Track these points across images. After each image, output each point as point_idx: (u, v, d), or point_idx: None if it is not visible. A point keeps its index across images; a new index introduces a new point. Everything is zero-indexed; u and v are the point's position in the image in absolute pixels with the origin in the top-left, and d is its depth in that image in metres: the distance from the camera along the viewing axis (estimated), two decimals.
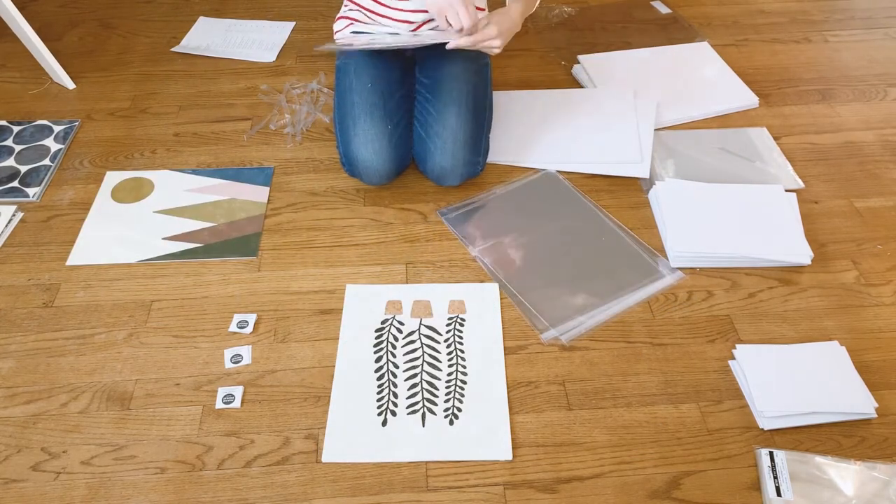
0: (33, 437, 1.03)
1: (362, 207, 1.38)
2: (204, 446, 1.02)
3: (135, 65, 1.76)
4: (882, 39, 1.85)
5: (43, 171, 1.44)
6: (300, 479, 0.98)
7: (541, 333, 1.15)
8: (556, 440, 1.03)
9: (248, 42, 1.83)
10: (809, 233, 1.31)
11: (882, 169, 1.47)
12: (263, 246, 1.30)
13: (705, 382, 1.10)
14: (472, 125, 1.34)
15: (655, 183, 1.38)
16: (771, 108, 1.63)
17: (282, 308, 1.20)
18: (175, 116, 1.60)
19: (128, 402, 1.07)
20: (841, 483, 0.97)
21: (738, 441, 1.03)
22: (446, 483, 0.98)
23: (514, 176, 1.44)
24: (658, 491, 0.97)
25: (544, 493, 0.97)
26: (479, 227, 1.33)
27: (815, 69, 1.75)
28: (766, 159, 1.47)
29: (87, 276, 1.25)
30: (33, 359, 1.13)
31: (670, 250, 1.27)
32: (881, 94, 1.67)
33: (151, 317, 1.19)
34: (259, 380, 1.10)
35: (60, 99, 1.65)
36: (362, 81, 1.36)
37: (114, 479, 0.98)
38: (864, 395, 1.06)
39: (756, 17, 1.94)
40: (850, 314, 1.19)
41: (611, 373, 1.11)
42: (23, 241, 1.31)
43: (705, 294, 1.22)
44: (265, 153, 1.50)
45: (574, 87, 1.68)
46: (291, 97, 1.64)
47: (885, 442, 1.02)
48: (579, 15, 1.94)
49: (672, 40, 1.82)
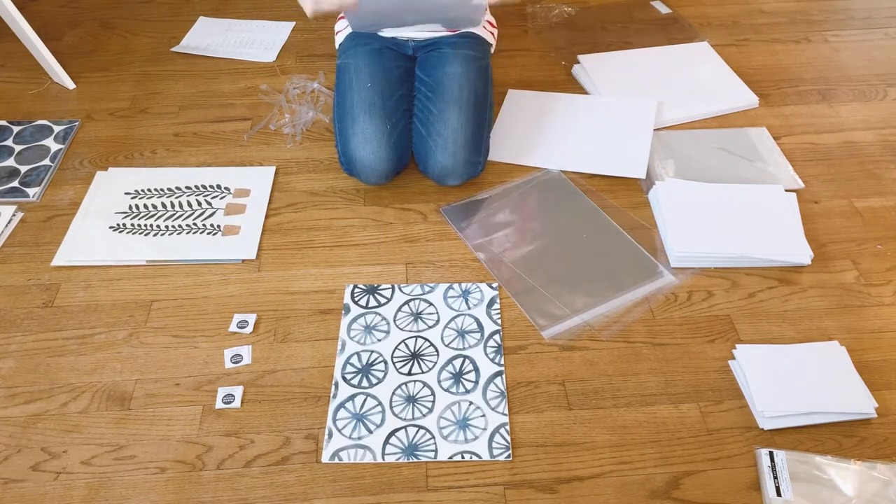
0: (33, 437, 1.03)
1: (362, 207, 1.38)
2: (204, 446, 1.02)
3: (135, 65, 1.76)
4: (882, 39, 1.85)
5: (43, 171, 1.44)
6: (300, 479, 0.98)
7: (542, 330, 1.15)
8: (556, 440, 1.03)
9: (248, 42, 1.83)
10: (809, 233, 1.31)
11: (882, 169, 1.47)
12: (263, 246, 1.30)
13: (705, 382, 1.10)
14: (473, 125, 1.34)
15: (655, 183, 1.38)
16: (771, 108, 1.63)
17: (282, 308, 1.20)
18: (175, 116, 1.60)
19: (128, 402, 1.07)
20: (841, 483, 0.97)
21: (738, 441, 1.03)
22: (446, 483, 0.98)
23: (515, 175, 1.44)
24: (658, 491, 0.97)
25: (544, 493, 0.97)
26: (481, 225, 1.33)
27: (815, 69, 1.75)
28: (766, 159, 1.47)
29: (87, 276, 1.25)
30: (33, 359, 1.13)
31: (670, 250, 1.27)
32: (881, 94, 1.67)
33: (151, 317, 1.19)
34: (259, 380, 1.10)
35: (60, 99, 1.65)
36: (362, 81, 1.36)
37: (114, 479, 0.98)
38: (864, 395, 1.06)
39: (756, 17, 1.94)
40: (850, 314, 1.19)
41: (611, 373, 1.11)
42: (23, 241, 1.31)
43: (705, 294, 1.22)
44: (265, 153, 1.50)
45: (574, 87, 1.68)
46: (291, 97, 1.64)
47: (885, 442, 1.02)
48: (579, 15, 1.94)
49: (672, 40, 1.82)
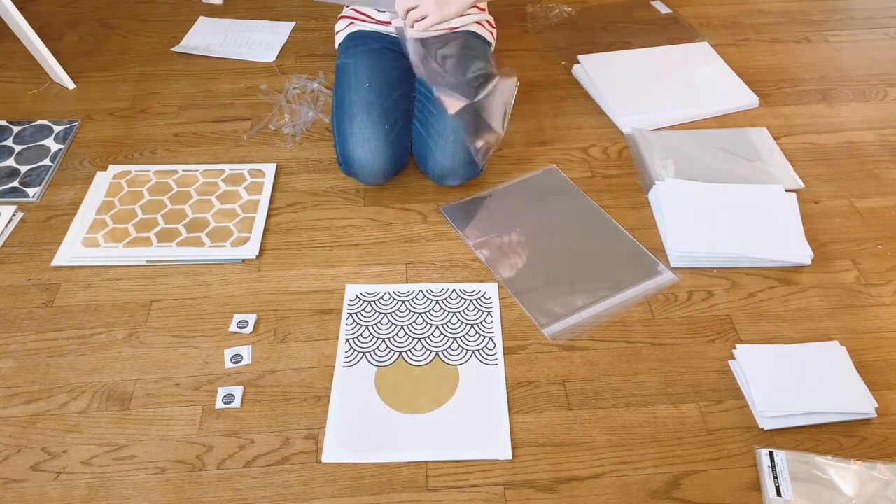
0: (33, 437, 1.03)
1: (362, 207, 1.38)
2: (204, 446, 1.02)
3: (135, 65, 1.76)
4: (882, 39, 1.85)
5: (43, 171, 1.44)
6: (300, 479, 0.98)
7: (542, 328, 1.15)
8: (556, 440, 1.03)
9: (248, 42, 1.83)
10: (809, 233, 1.31)
11: (882, 169, 1.47)
12: (264, 246, 1.30)
13: (705, 382, 1.10)
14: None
15: (655, 183, 1.38)
16: (771, 108, 1.63)
17: (282, 308, 1.20)
18: (175, 116, 1.60)
19: (128, 402, 1.07)
20: (841, 483, 0.97)
21: (738, 441, 1.03)
22: (446, 483, 0.98)
23: (515, 174, 1.44)
24: (658, 491, 0.97)
25: (544, 493, 0.97)
26: (480, 223, 1.33)
27: (815, 69, 1.75)
28: (766, 159, 1.47)
29: (87, 276, 1.25)
30: (33, 359, 1.13)
31: (670, 250, 1.27)
32: (881, 94, 1.67)
33: (151, 317, 1.19)
34: (259, 380, 1.10)
35: (60, 99, 1.65)
36: (361, 80, 1.36)
37: (114, 479, 0.98)
38: (864, 395, 1.06)
39: (756, 17, 1.94)
40: (850, 314, 1.19)
41: (611, 373, 1.11)
42: (23, 241, 1.31)
43: (705, 294, 1.22)
44: (265, 153, 1.50)
45: (574, 86, 1.68)
46: (291, 97, 1.64)
47: (885, 442, 1.02)
48: (579, 15, 1.94)
49: (672, 40, 1.82)
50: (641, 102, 1.60)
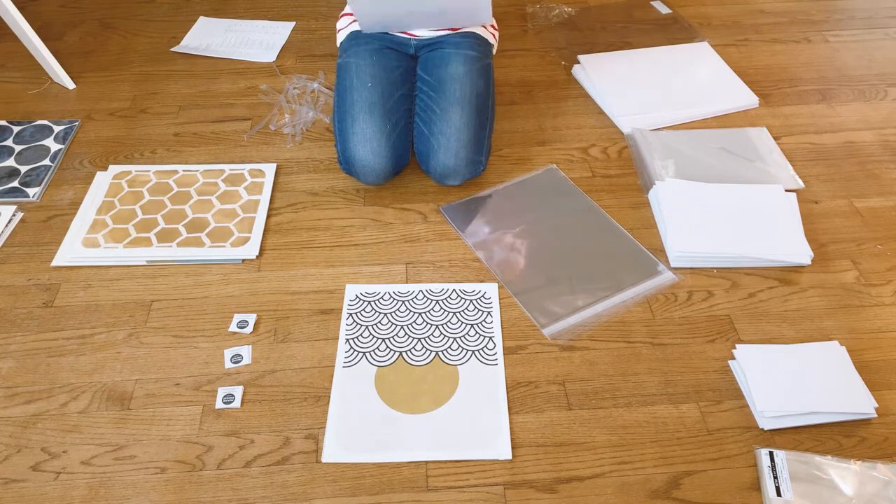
0: (33, 437, 1.03)
1: (362, 207, 1.38)
2: (204, 446, 1.02)
3: (135, 65, 1.76)
4: (882, 39, 1.85)
5: (43, 171, 1.44)
6: (300, 479, 0.98)
7: (542, 328, 1.15)
8: (556, 440, 1.03)
9: (248, 42, 1.83)
10: (809, 233, 1.31)
11: (882, 169, 1.47)
12: (264, 246, 1.30)
13: (705, 382, 1.10)
14: (475, 124, 1.34)
15: (655, 183, 1.38)
16: (771, 108, 1.63)
17: (282, 308, 1.20)
18: (175, 116, 1.60)
19: (128, 402, 1.07)
20: (841, 483, 0.97)
21: (738, 441, 1.03)
22: (446, 483, 0.98)
23: (515, 174, 1.44)
24: (658, 491, 0.97)
25: (544, 493, 0.97)
26: (480, 223, 1.33)
27: (815, 69, 1.75)
28: (766, 159, 1.47)
29: (87, 276, 1.25)
30: (33, 359, 1.13)
31: (670, 250, 1.27)
32: (881, 94, 1.67)
33: (151, 317, 1.19)
34: (259, 380, 1.10)
35: (60, 99, 1.65)
36: (362, 80, 1.36)
37: (114, 479, 0.98)
38: (864, 395, 1.06)
39: (756, 17, 1.94)
40: (850, 314, 1.19)
41: (611, 373, 1.11)
42: (23, 241, 1.31)
43: (705, 294, 1.22)
44: (265, 153, 1.50)
45: (574, 86, 1.68)
46: (291, 97, 1.64)
47: (885, 442, 1.02)
48: (579, 15, 1.94)
49: (672, 40, 1.82)
50: (641, 102, 1.60)
